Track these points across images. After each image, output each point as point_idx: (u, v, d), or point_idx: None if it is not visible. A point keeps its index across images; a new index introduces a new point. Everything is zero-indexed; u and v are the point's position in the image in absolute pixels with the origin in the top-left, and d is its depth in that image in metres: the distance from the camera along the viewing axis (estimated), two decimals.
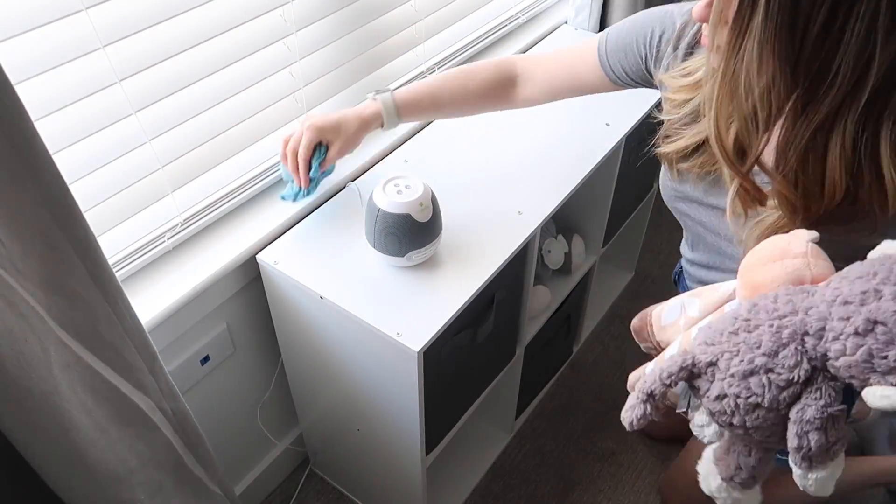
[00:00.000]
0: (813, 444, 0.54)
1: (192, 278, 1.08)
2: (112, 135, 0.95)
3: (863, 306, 0.51)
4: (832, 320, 0.53)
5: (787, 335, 0.55)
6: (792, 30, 0.66)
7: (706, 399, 0.59)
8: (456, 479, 1.55)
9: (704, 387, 0.59)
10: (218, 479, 1.08)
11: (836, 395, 0.54)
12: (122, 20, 0.89)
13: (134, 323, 0.84)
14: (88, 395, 0.81)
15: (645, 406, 0.61)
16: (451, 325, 1.03)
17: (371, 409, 1.19)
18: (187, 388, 1.19)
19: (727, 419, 0.58)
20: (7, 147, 0.62)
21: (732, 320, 0.59)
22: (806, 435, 0.54)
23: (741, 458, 0.63)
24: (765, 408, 0.56)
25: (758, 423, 0.57)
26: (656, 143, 0.92)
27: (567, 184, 1.25)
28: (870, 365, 0.51)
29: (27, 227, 0.67)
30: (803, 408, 0.54)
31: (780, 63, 0.68)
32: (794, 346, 0.55)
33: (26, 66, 0.82)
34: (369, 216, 1.05)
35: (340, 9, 1.20)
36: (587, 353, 1.82)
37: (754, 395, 0.56)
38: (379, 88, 1.17)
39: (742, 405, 0.57)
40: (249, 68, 1.09)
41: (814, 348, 0.54)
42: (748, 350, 0.56)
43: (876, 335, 0.50)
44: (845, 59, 0.66)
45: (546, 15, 1.74)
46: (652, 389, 0.61)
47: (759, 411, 0.56)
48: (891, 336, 0.50)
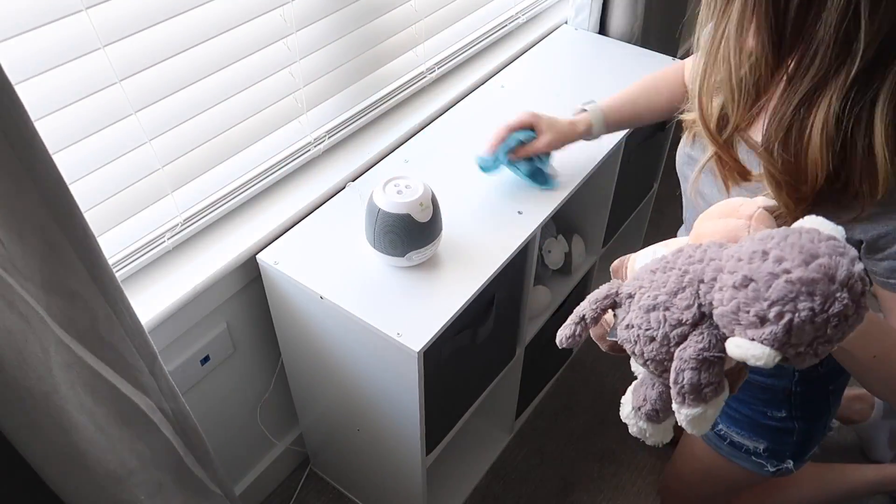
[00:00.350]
0: (686, 382, 0.58)
1: (192, 278, 1.08)
2: (112, 135, 0.95)
3: (749, 264, 0.54)
4: (724, 273, 0.56)
5: (687, 280, 0.59)
6: (774, 1, 0.67)
7: (619, 326, 0.64)
8: (456, 479, 1.55)
9: (621, 315, 0.64)
10: (218, 479, 1.08)
11: (715, 343, 0.58)
12: (121, 20, 0.89)
13: (134, 323, 0.84)
14: (88, 395, 0.81)
15: (576, 327, 0.66)
16: (451, 325, 1.03)
17: (371, 409, 1.19)
18: (187, 389, 1.19)
19: (631, 347, 0.63)
20: (7, 147, 0.62)
21: (659, 261, 0.63)
22: (682, 372, 0.58)
23: (647, 390, 0.68)
24: (657, 342, 0.60)
25: (652, 356, 0.61)
26: (683, 110, 0.94)
27: (567, 183, 1.25)
28: (736, 317, 0.54)
29: (27, 227, 0.67)
30: (685, 347, 0.59)
31: (763, 34, 0.70)
32: (690, 291, 0.59)
33: (26, 66, 0.82)
34: (369, 216, 1.05)
35: (340, 9, 1.20)
36: (587, 353, 1.82)
37: (651, 329, 0.61)
38: (584, 102, 1.24)
39: (642, 336, 0.61)
40: (249, 68, 1.09)
41: (705, 295, 0.58)
42: (656, 288, 0.61)
43: (747, 291, 0.53)
44: (826, 32, 0.66)
45: (546, 15, 1.74)
46: (583, 313, 0.66)
47: (653, 344, 0.61)
48: (758, 294, 0.52)
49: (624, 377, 0.75)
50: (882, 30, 0.64)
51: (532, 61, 1.60)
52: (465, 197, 1.23)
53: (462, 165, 1.30)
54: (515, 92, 1.49)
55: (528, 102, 1.46)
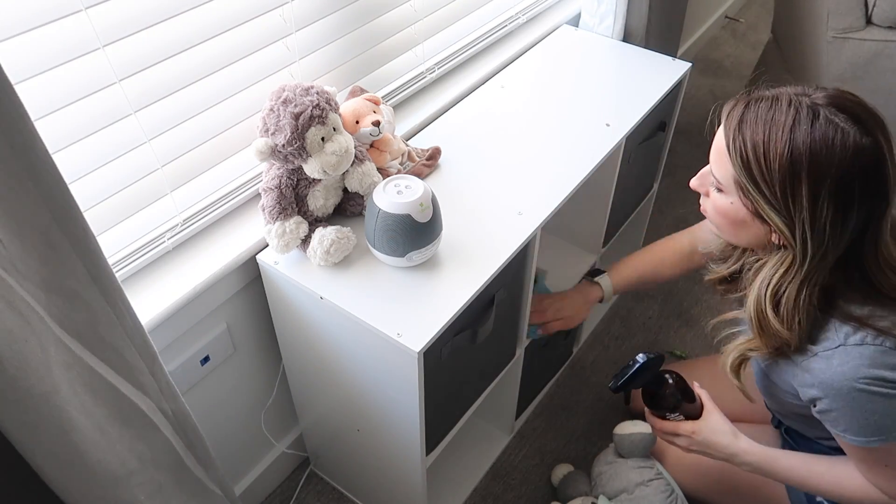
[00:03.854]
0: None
1: (192, 278, 1.08)
2: (112, 135, 0.95)
3: None
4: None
5: None
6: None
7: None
8: (456, 479, 1.55)
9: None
10: (218, 479, 1.08)
11: None
12: (121, 20, 0.89)
13: (134, 323, 0.83)
14: (88, 395, 0.81)
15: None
16: (451, 325, 1.03)
17: (371, 410, 1.19)
18: (187, 389, 1.19)
19: None
20: (7, 147, 0.62)
21: None
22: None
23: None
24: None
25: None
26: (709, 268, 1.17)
27: (567, 184, 1.25)
28: None
29: (27, 227, 0.67)
30: None
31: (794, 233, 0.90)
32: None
33: (26, 66, 0.82)
34: (369, 216, 1.05)
35: (340, 9, 1.20)
36: (587, 353, 1.82)
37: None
38: (591, 271, 1.51)
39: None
40: (249, 68, 1.09)
41: None
42: None
43: None
44: (835, 238, 0.89)
45: (546, 15, 1.74)
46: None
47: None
48: None
49: None
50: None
51: (532, 61, 1.60)
52: (466, 197, 1.23)
53: (462, 165, 1.30)
54: (515, 92, 1.49)
55: (528, 102, 1.46)
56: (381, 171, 1.19)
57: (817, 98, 0.88)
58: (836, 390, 0.92)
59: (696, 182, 1.02)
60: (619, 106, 1.43)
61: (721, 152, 0.93)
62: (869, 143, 0.85)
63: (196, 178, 1.11)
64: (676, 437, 1.15)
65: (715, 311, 1.93)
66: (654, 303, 1.95)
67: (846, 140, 0.85)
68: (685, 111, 2.61)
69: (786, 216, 0.88)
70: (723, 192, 0.95)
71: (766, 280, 0.95)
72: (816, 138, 0.85)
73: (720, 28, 3.13)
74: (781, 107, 0.88)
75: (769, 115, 0.88)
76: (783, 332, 0.94)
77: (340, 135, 1.06)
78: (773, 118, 0.87)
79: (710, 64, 2.91)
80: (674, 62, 1.57)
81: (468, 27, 1.55)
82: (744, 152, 0.89)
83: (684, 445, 1.15)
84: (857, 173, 0.85)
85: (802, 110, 0.87)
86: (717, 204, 0.97)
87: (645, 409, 1.18)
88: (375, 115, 1.15)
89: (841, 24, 1.91)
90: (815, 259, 0.89)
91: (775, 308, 0.94)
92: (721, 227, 1.00)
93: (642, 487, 1.37)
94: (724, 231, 1.01)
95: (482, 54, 1.59)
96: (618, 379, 1.13)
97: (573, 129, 1.38)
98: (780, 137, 0.86)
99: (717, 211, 0.98)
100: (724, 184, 0.94)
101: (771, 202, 0.89)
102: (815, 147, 0.85)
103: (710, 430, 1.12)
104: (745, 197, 0.92)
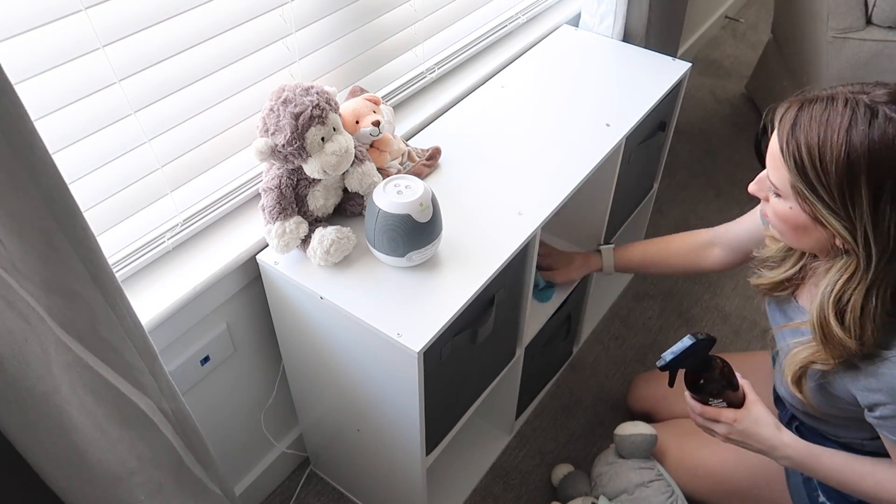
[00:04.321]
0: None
1: (192, 278, 1.08)
2: (111, 135, 0.95)
3: None
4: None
5: None
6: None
7: None
8: (456, 479, 1.55)
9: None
10: (218, 479, 1.08)
11: None
12: (121, 20, 0.89)
13: (134, 323, 0.83)
14: (88, 395, 0.81)
15: None
16: (451, 325, 1.03)
17: (371, 410, 1.19)
18: (187, 389, 1.19)
19: None
20: (7, 147, 0.62)
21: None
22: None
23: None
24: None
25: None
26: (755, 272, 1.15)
27: (567, 184, 1.25)
28: None
29: (27, 227, 0.67)
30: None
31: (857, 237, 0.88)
32: None
33: (26, 66, 0.82)
34: (369, 216, 1.05)
35: (340, 9, 1.20)
36: (587, 353, 1.82)
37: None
38: (601, 243, 1.55)
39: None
40: (249, 68, 1.09)
41: None
42: None
43: None
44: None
45: (546, 15, 1.74)
46: None
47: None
48: None
49: (624, 377, 0.75)
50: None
51: (532, 61, 1.60)
52: (466, 197, 1.23)
53: (462, 165, 1.30)
54: (515, 92, 1.49)
55: (528, 102, 1.46)
56: (381, 171, 1.19)
57: (876, 95, 0.85)
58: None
59: (755, 187, 0.99)
60: (619, 106, 1.43)
61: (776, 157, 0.90)
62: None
63: (196, 178, 1.11)
64: (716, 424, 1.11)
65: (715, 311, 1.93)
66: (655, 303, 1.95)
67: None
68: (685, 111, 2.61)
69: (846, 220, 0.86)
70: (781, 198, 0.93)
71: (829, 286, 0.92)
72: (875, 138, 0.82)
73: (720, 28, 3.13)
74: (837, 107, 0.85)
75: (824, 116, 0.85)
76: (848, 341, 0.91)
77: (340, 135, 1.06)
78: (829, 119, 0.85)
79: (710, 64, 2.91)
80: (674, 62, 1.57)
81: (468, 27, 1.55)
82: (798, 156, 0.86)
83: (723, 433, 1.11)
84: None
85: (860, 109, 0.84)
86: (776, 209, 0.95)
87: (686, 393, 1.14)
88: (375, 115, 1.15)
89: (841, 24, 1.91)
90: (881, 263, 0.87)
91: (840, 316, 0.91)
92: (783, 232, 0.98)
93: (642, 488, 1.37)
94: (786, 236, 0.98)
95: (482, 54, 1.59)
96: (667, 357, 1.08)
97: (573, 129, 1.38)
98: (837, 139, 0.83)
99: (777, 216, 0.95)
100: (781, 189, 0.92)
101: (830, 206, 0.86)
102: (875, 147, 0.82)
103: (752, 421, 1.08)
104: (803, 202, 0.89)
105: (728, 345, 1.86)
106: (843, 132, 0.83)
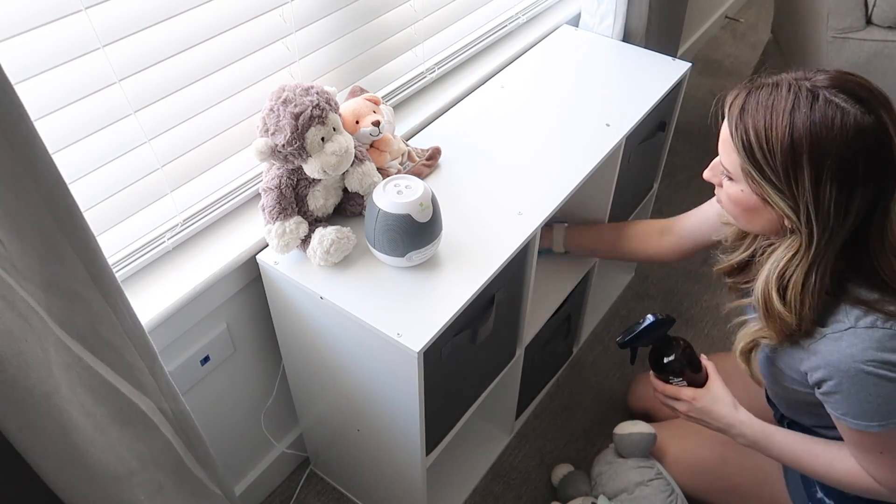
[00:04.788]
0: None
1: (192, 278, 1.08)
2: (111, 135, 0.95)
3: None
4: None
5: None
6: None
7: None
8: (456, 479, 1.55)
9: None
10: (218, 479, 1.08)
11: None
12: (121, 20, 0.89)
13: (134, 323, 0.83)
14: (88, 395, 0.81)
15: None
16: (451, 325, 1.03)
17: (371, 410, 1.19)
18: (187, 389, 1.19)
19: None
20: (7, 147, 0.62)
21: None
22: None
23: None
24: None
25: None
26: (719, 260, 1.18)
27: (567, 184, 1.25)
28: None
29: (27, 228, 0.67)
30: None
31: (799, 215, 0.90)
32: None
33: (26, 66, 0.82)
34: (369, 216, 1.05)
35: (340, 9, 1.20)
36: (587, 353, 1.82)
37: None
38: (557, 220, 1.47)
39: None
40: (249, 68, 1.09)
41: None
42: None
43: None
44: (839, 220, 0.89)
45: (546, 15, 1.74)
46: None
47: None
48: None
49: (623, 377, 0.75)
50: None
51: (532, 61, 1.60)
52: (466, 197, 1.23)
53: (462, 166, 1.30)
54: (515, 92, 1.49)
55: (528, 102, 1.46)
56: (381, 171, 1.19)
57: (818, 80, 0.89)
58: (842, 371, 0.93)
59: (709, 173, 1.03)
60: (619, 106, 1.43)
61: (727, 141, 0.95)
62: (871, 121, 0.86)
63: (196, 178, 1.11)
64: (676, 402, 1.17)
65: (715, 311, 1.93)
66: (654, 303, 1.95)
67: (846, 119, 0.85)
68: (685, 111, 2.61)
69: (790, 199, 0.90)
70: (733, 181, 0.97)
71: (774, 264, 0.96)
72: (816, 120, 0.86)
73: (720, 28, 3.13)
74: (781, 92, 0.89)
75: (769, 100, 0.90)
76: (788, 316, 0.95)
77: (340, 135, 1.06)
78: (773, 104, 0.89)
79: (710, 64, 2.91)
80: (674, 62, 1.57)
81: (468, 27, 1.54)
82: (746, 139, 0.91)
83: (683, 410, 1.16)
84: (859, 152, 0.86)
85: (802, 93, 0.88)
86: (728, 193, 0.99)
87: (650, 373, 1.19)
88: (375, 115, 1.15)
89: (841, 24, 1.91)
90: (822, 242, 0.90)
91: (781, 292, 0.96)
92: (735, 215, 1.02)
93: (642, 487, 1.37)
94: (738, 219, 1.02)
95: (482, 54, 1.59)
96: (626, 334, 1.15)
97: (573, 129, 1.38)
98: (781, 122, 0.88)
99: (729, 199, 0.99)
100: (732, 172, 0.96)
101: (776, 185, 0.90)
102: (815, 129, 0.86)
103: (711, 399, 1.13)
104: (752, 183, 0.93)
105: (728, 345, 1.85)
106: (787, 115, 0.87)
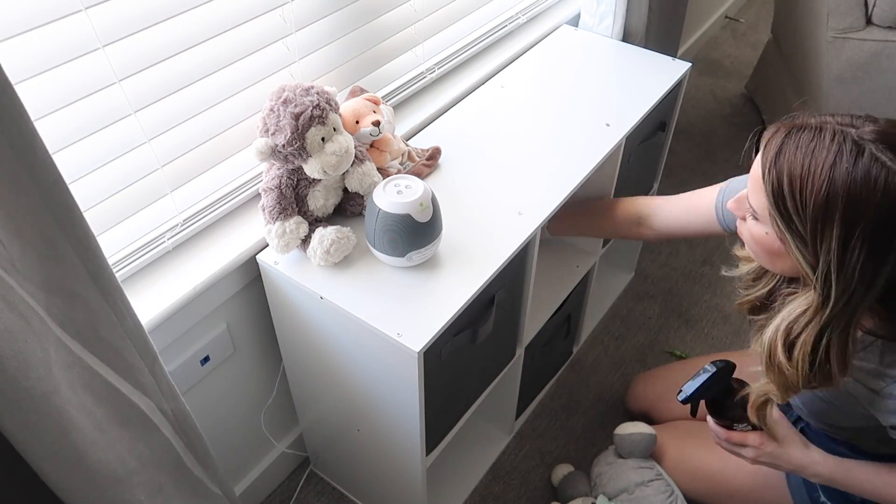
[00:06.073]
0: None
1: (192, 278, 1.08)
2: (111, 135, 0.95)
3: None
4: None
5: None
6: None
7: None
8: (456, 479, 1.55)
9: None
10: (218, 479, 1.08)
11: None
12: (121, 20, 0.89)
13: (134, 323, 0.83)
14: (88, 395, 0.81)
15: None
16: (451, 325, 1.03)
17: (371, 410, 1.19)
18: (187, 389, 1.19)
19: None
20: (7, 147, 0.62)
21: None
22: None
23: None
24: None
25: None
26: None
27: (567, 184, 1.25)
28: None
29: (27, 228, 0.67)
30: None
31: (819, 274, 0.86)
32: None
33: (26, 66, 0.82)
34: (369, 216, 1.05)
35: (340, 9, 1.20)
36: (587, 353, 1.82)
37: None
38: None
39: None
40: (249, 68, 1.09)
41: None
42: None
43: None
44: (860, 285, 0.85)
45: (546, 15, 1.74)
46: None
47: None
48: None
49: (623, 377, 0.75)
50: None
51: (532, 61, 1.60)
52: (466, 197, 1.23)
53: (462, 165, 1.30)
54: (515, 92, 1.49)
55: (527, 102, 1.46)
56: (381, 171, 1.19)
57: (865, 132, 0.82)
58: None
59: (734, 205, 0.98)
60: (619, 106, 1.43)
61: (757, 180, 0.89)
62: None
63: (196, 178, 1.11)
64: (743, 449, 1.09)
65: (715, 311, 1.93)
66: (654, 303, 1.95)
67: (891, 180, 0.79)
68: (685, 111, 2.61)
69: (811, 256, 0.85)
70: (758, 221, 0.92)
71: (787, 316, 0.91)
72: (858, 177, 0.80)
73: (720, 28, 3.13)
74: (824, 140, 0.83)
75: (810, 147, 0.83)
76: (790, 373, 0.91)
77: (340, 135, 1.06)
78: (814, 151, 0.83)
79: (710, 64, 2.91)
80: (674, 62, 1.57)
81: (468, 27, 1.54)
82: (778, 185, 0.85)
83: (751, 457, 1.09)
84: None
85: (846, 145, 0.81)
86: (752, 231, 0.94)
87: (708, 418, 1.12)
88: (375, 115, 1.15)
89: (841, 24, 1.91)
90: (839, 305, 0.85)
91: (788, 348, 0.91)
92: (757, 254, 0.97)
93: (642, 488, 1.37)
94: (760, 258, 0.98)
95: (482, 54, 1.59)
96: (687, 390, 1.06)
97: (573, 129, 1.38)
98: (819, 174, 0.82)
99: (752, 238, 0.95)
100: (759, 213, 0.91)
101: (800, 237, 0.85)
102: (855, 187, 0.80)
103: (779, 442, 1.07)
104: (776, 229, 0.88)
105: (728, 345, 1.86)
106: (827, 168, 0.81)
